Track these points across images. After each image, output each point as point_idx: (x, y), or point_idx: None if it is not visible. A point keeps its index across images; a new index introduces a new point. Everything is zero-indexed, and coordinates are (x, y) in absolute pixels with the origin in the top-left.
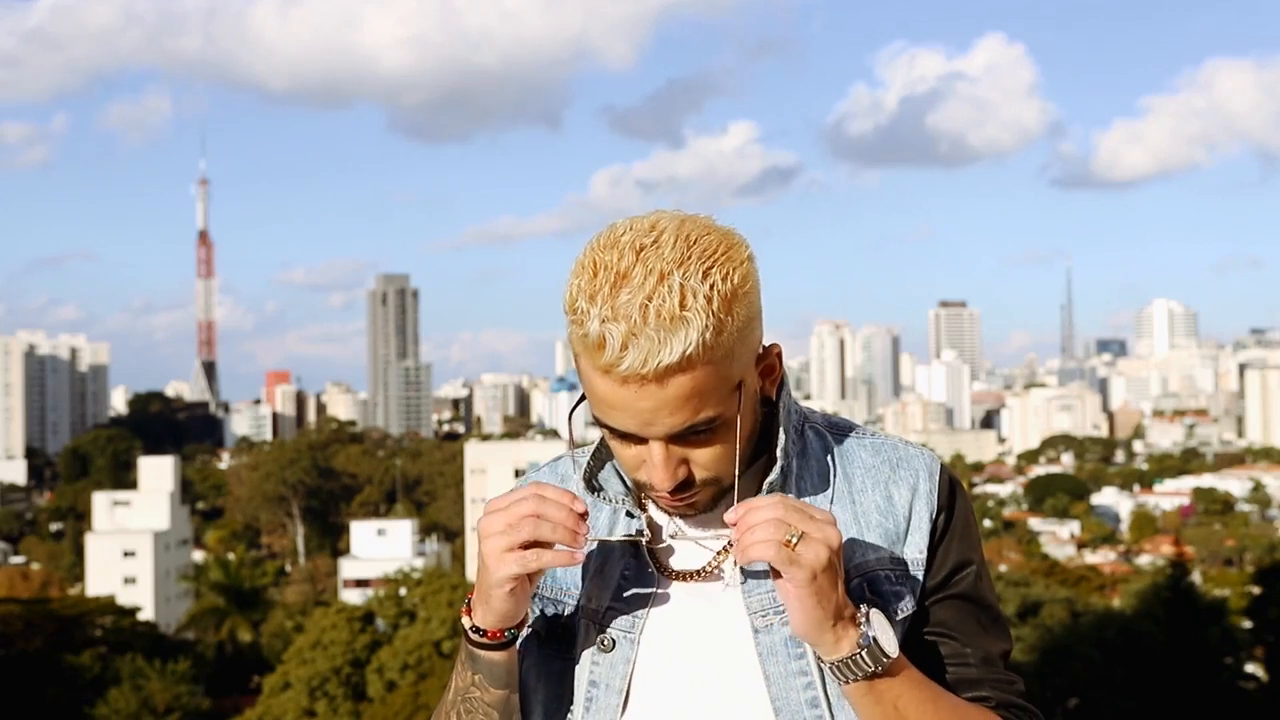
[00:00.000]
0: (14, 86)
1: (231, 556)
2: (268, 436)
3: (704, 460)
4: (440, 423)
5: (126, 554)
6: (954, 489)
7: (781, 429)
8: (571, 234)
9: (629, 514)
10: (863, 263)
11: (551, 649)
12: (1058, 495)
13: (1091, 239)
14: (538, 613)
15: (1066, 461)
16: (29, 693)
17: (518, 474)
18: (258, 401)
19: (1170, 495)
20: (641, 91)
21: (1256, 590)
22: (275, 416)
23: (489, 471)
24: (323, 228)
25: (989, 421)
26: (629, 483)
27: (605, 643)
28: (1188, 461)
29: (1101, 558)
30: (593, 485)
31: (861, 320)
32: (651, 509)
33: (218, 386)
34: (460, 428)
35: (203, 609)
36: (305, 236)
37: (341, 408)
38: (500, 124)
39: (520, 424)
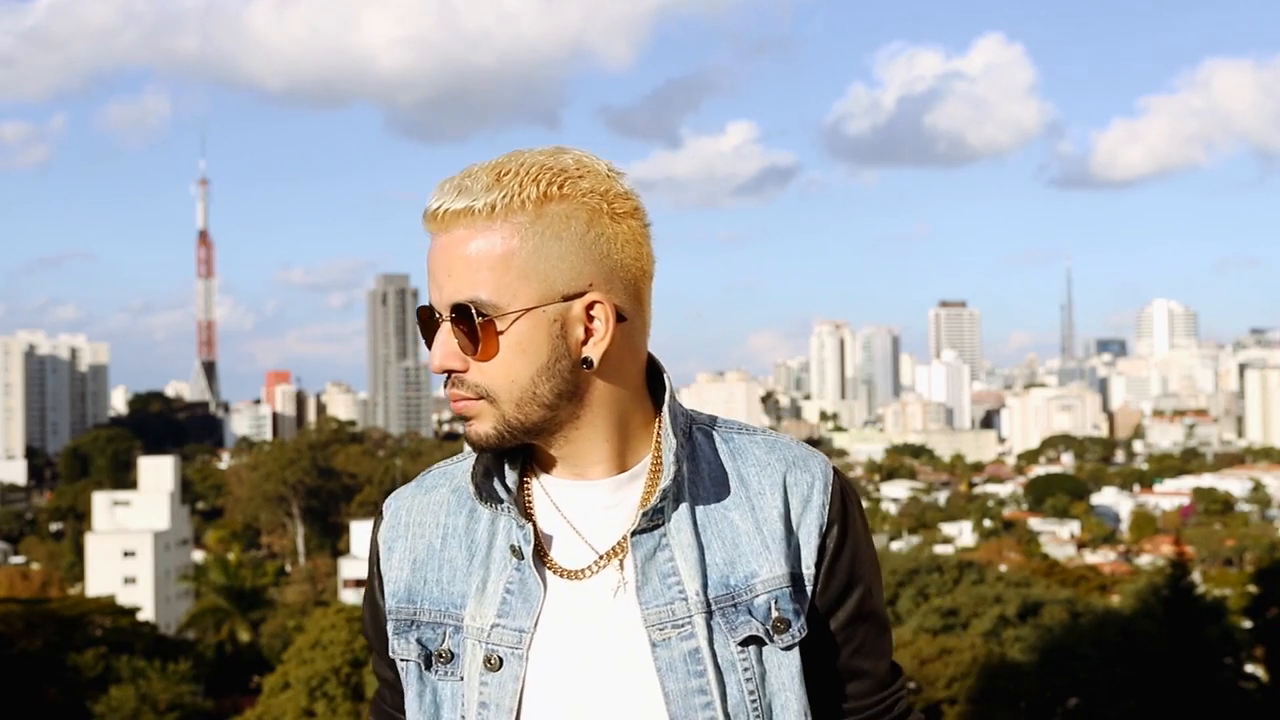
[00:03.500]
0: (12, 86)
1: (231, 556)
2: (268, 436)
3: (481, 366)
4: (440, 422)
5: (126, 554)
6: (846, 500)
7: (668, 430)
8: None
9: (516, 522)
10: (862, 263)
11: (440, 673)
12: (1058, 495)
13: (1090, 239)
14: (413, 642)
15: (1066, 461)
16: (29, 692)
17: None
18: (258, 401)
19: (1170, 495)
20: (640, 91)
21: (1256, 590)
22: (275, 416)
23: None
24: (322, 228)
25: (989, 421)
26: (513, 485)
27: (492, 661)
28: (1188, 461)
29: (1101, 558)
30: (481, 491)
31: (861, 320)
32: (540, 511)
33: (218, 386)
34: (460, 428)
35: (203, 609)
36: (305, 236)
37: (341, 408)
38: (498, 124)
39: None
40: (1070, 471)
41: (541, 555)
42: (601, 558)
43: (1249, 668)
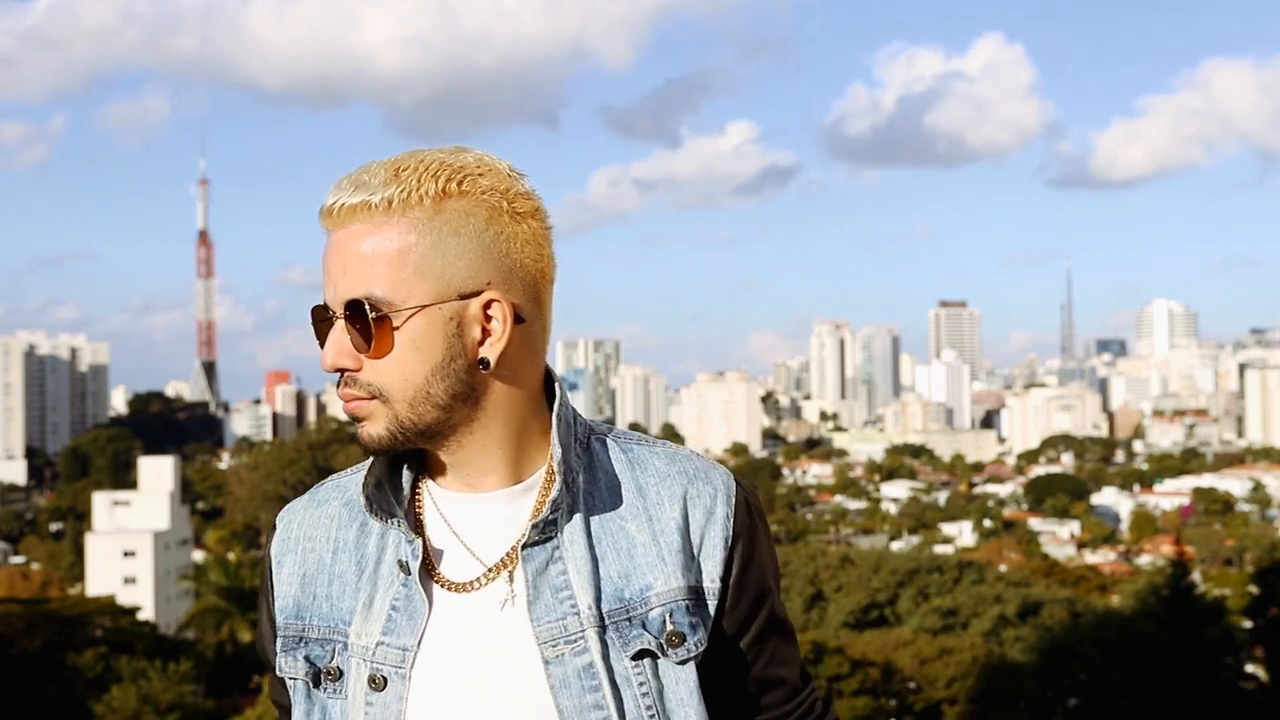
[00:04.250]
0: (12, 86)
1: (232, 556)
2: (268, 436)
3: (374, 365)
4: None
5: (126, 554)
6: (751, 513)
7: (555, 439)
8: (570, 234)
9: (405, 537)
10: (862, 263)
11: (329, 691)
12: (1058, 495)
13: (1090, 239)
14: (301, 659)
15: (1066, 461)
16: (29, 692)
17: None
18: (258, 401)
19: (1170, 495)
20: (639, 91)
21: (1256, 590)
22: (275, 416)
23: None
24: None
25: (989, 421)
26: (404, 498)
27: (377, 681)
28: (1188, 461)
29: (1101, 558)
30: (372, 504)
31: (861, 320)
32: (431, 525)
33: (218, 386)
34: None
35: (203, 609)
36: (305, 236)
37: (341, 408)
38: (498, 124)
39: None
40: (1070, 472)
41: (429, 570)
42: (490, 570)
43: (1249, 668)
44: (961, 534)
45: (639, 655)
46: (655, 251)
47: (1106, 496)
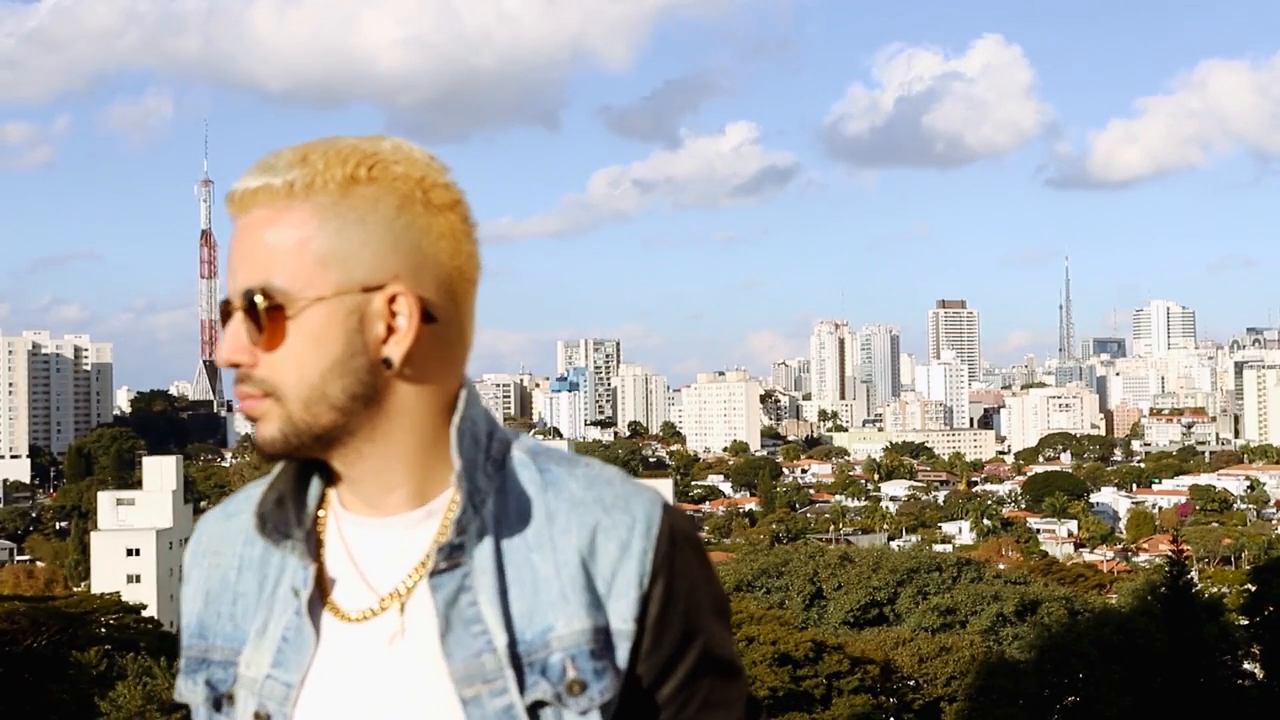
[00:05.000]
0: (16, 88)
1: None
2: None
3: (270, 361)
4: None
5: (130, 552)
6: (674, 544)
7: (456, 453)
8: (570, 234)
9: (302, 561)
10: (862, 263)
11: (231, 717)
12: (1056, 494)
13: (1088, 239)
14: (201, 683)
15: (1065, 461)
16: (34, 689)
17: None
18: None
19: (1168, 494)
20: (639, 92)
21: (1253, 588)
22: None
23: None
24: None
25: (988, 421)
26: (304, 518)
27: (260, 716)
28: (1185, 460)
29: (1099, 556)
30: (266, 523)
31: (861, 320)
32: (330, 548)
33: (221, 386)
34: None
35: None
36: None
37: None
38: (498, 124)
39: (522, 423)
40: (1068, 471)
41: (323, 598)
42: (384, 600)
43: (1246, 666)
44: (960, 533)
45: (534, 706)
46: (655, 251)
47: (1104, 495)
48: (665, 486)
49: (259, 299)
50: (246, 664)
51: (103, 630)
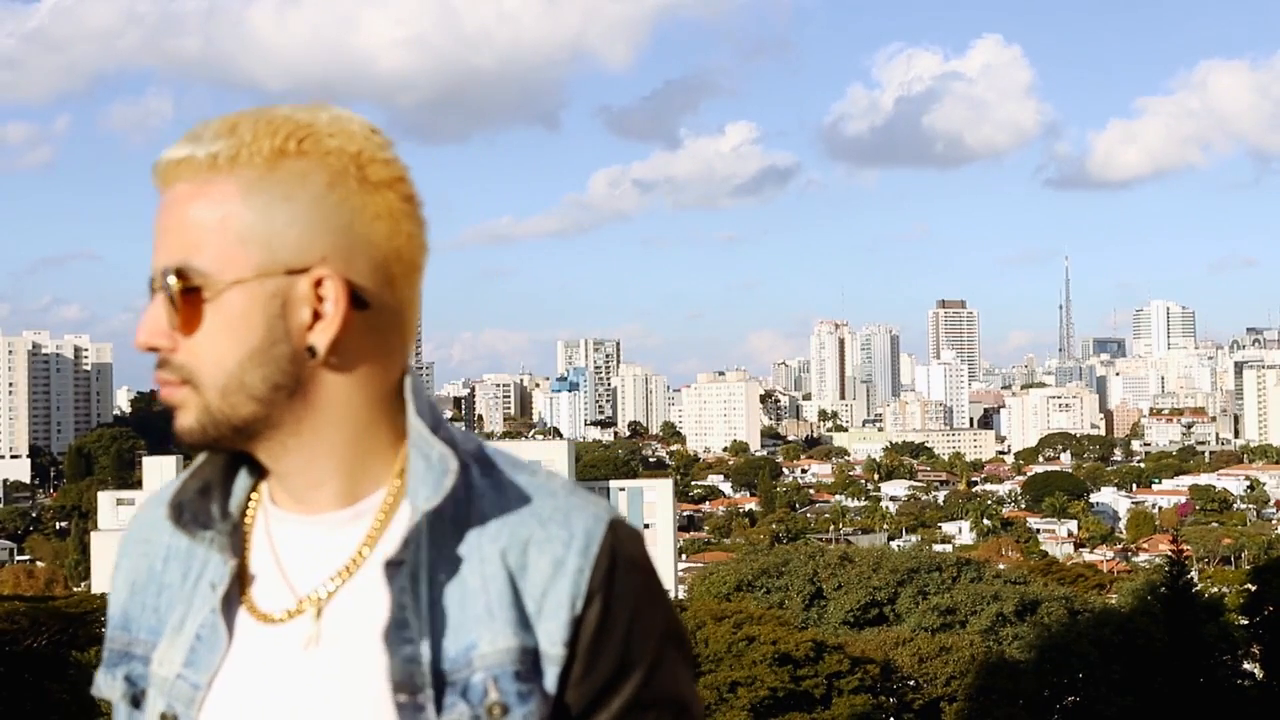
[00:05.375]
0: (16, 88)
1: None
2: None
3: (189, 344)
4: None
5: None
6: (615, 565)
7: (410, 446)
8: (570, 234)
9: (222, 555)
10: (862, 263)
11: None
12: (1056, 494)
13: (1088, 239)
14: (120, 678)
15: (1065, 461)
16: (34, 689)
17: None
18: None
19: (1168, 494)
20: (639, 92)
21: (1253, 588)
22: None
23: None
24: None
25: (988, 421)
26: (229, 510)
27: (167, 717)
28: (1185, 460)
29: (1099, 556)
30: (183, 512)
31: (861, 320)
32: (255, 543)
33: None
34: (462, 426)
35: None
36: None
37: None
38: (498, 124)
39: (522, 423)
40: (1068, 470)
41: (243, 596)
42: (302, 602)
43: (1246, 666)
44: (960, 532)
45: None
46: (655, 251)
47: (1104, 495)
48: (665, 486)
49: (172, 280)
50: (159, 661)
51: (103, 630)
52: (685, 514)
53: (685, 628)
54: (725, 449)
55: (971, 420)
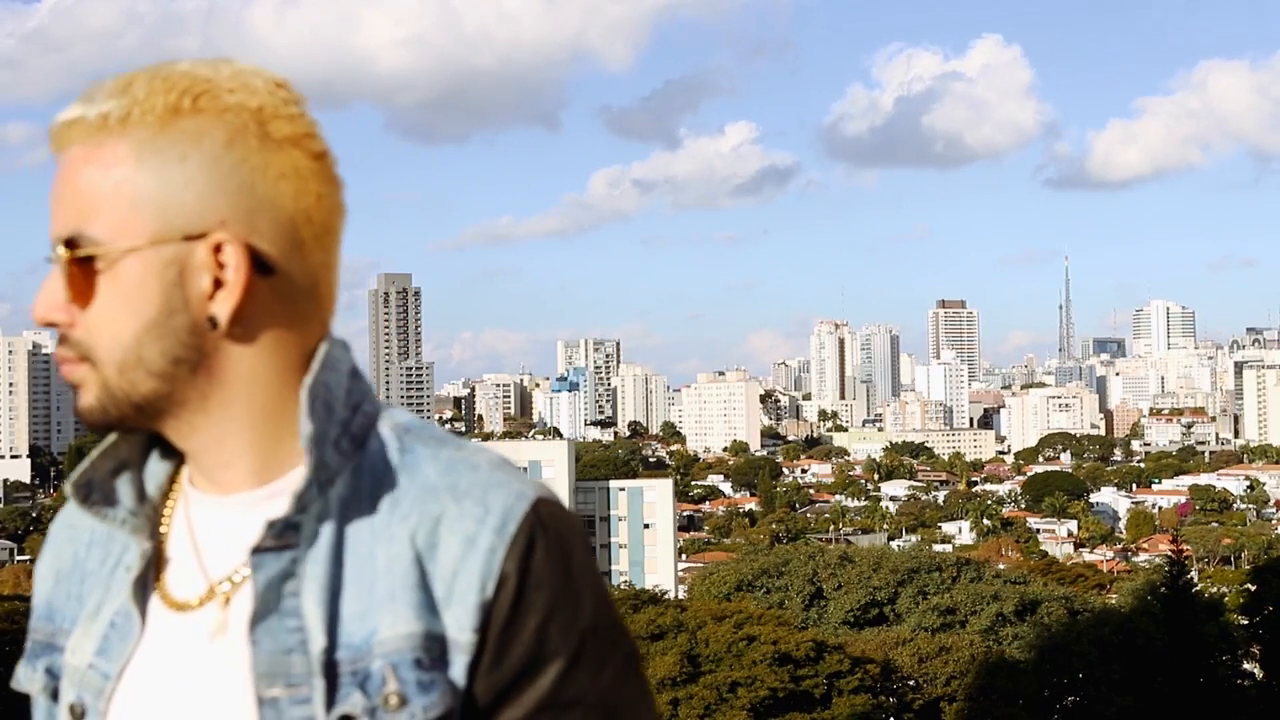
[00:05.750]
0: (16, 88)
1: None
2: None
3: (86, 318)
4: (442, 421)
5: None
6: (534, 546)
7: (305, 416)
8: (570, 234)
9: (135, 539)
10: (862, 263)
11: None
12: (1056, 494)
13: (1088, 239)
14: (40, 671)
15: (1065, 461)
16: None
17: None
18: None
19: (1168, 494)
20: (639, 92)
21: (1253, 588)
22: None
23: None
24: None
25: (987, 421)
26: (160, 488)
27: (75, 711)
28: (1185, 460)
29: (1099, 556)
30: (90, 491)
31: (861, 320)
32: (175, 528)
33: None
34: (462, 426)
35: None
36: None
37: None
38: (498, 124)
39: (522, 423)
40: (1068, 470)
41: (158, 580)
42: (212, 588)
43: (1246, 666)
44: (960, 532)
45: None
46: (655, 251)
47: (1104, 495)
48: (665, 486)
49: (61, 250)
50: (72, 650)
51: None
52: (685, 514)
53: (622, 624)
54: (725, 449)
55: (971, 420)
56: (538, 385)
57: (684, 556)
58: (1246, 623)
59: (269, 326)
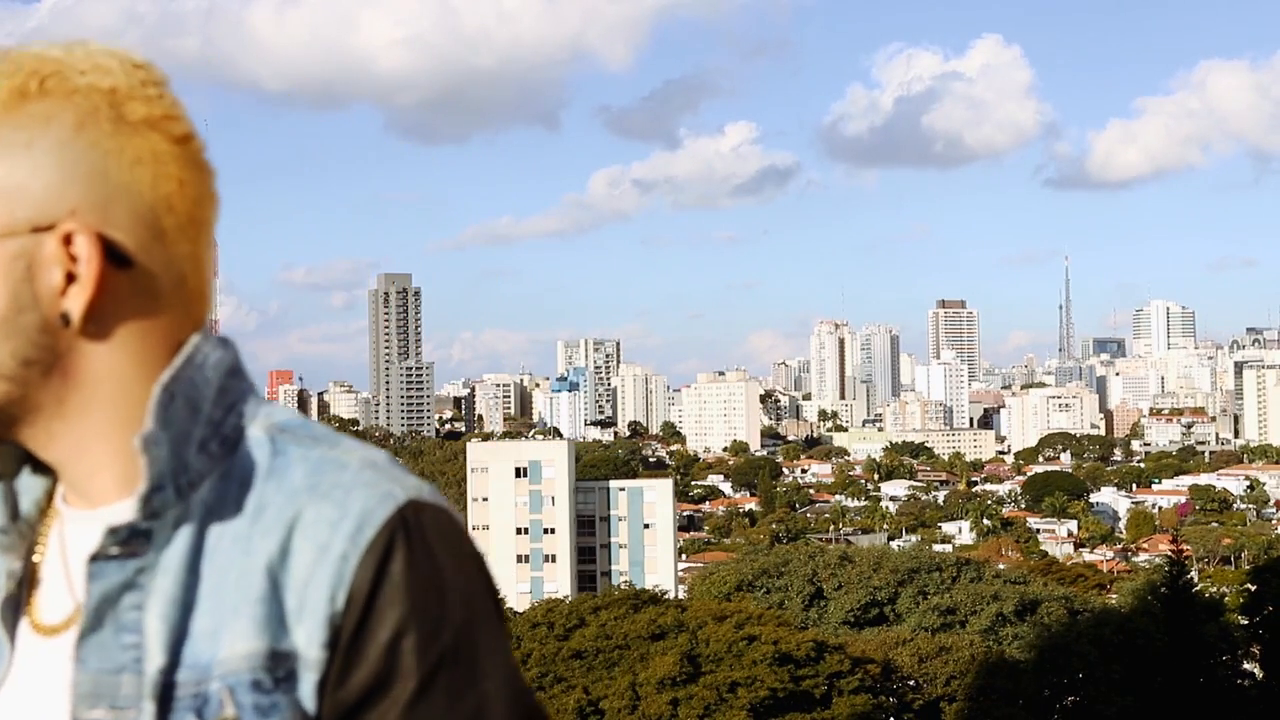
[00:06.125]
0: None
1: None
2: None
3: None
4: (442, 422)
5: None
6: (393, 553)
7: (151, 413)
8: (570, 234)
9: (4, 558)
10: (862, 263)
11: None
12: (1056, 494)
13: (1088, 239)
14: None
15: (1065, 461)
16: None
17: (519, 473)
18: None
19: (1168, 494)
20: (639, 92)
21: (1253, 588)
22: None
23: (490, 470)
24: (324, 228)
25: (987, 421)
26: (36, 504)
27: None
28: (1185, 460)
29: (1099, 556)
30: None
31: (861, 320)
32: (51, 547)
33: None
34: (461, 426)
35: None
36: (306, 236)
37: (344, 407)
38: (498, 124)
39: (522, 423)
40: (1068, 470)
41: (29, 602)
42: (77, 610)
43: (1246, 666)
44: (960, 532)
45: None
46: (655, 251)
47: (1104, 495)
48: (665, 487)
49: None
50: None
51: None
52: (685, 514)
53: (500, 646)
54: (725, 449)
55: (971, 420)
56: (538, 385)
57: (684, 556)
58: (1246, 623)
59: (129, 323)
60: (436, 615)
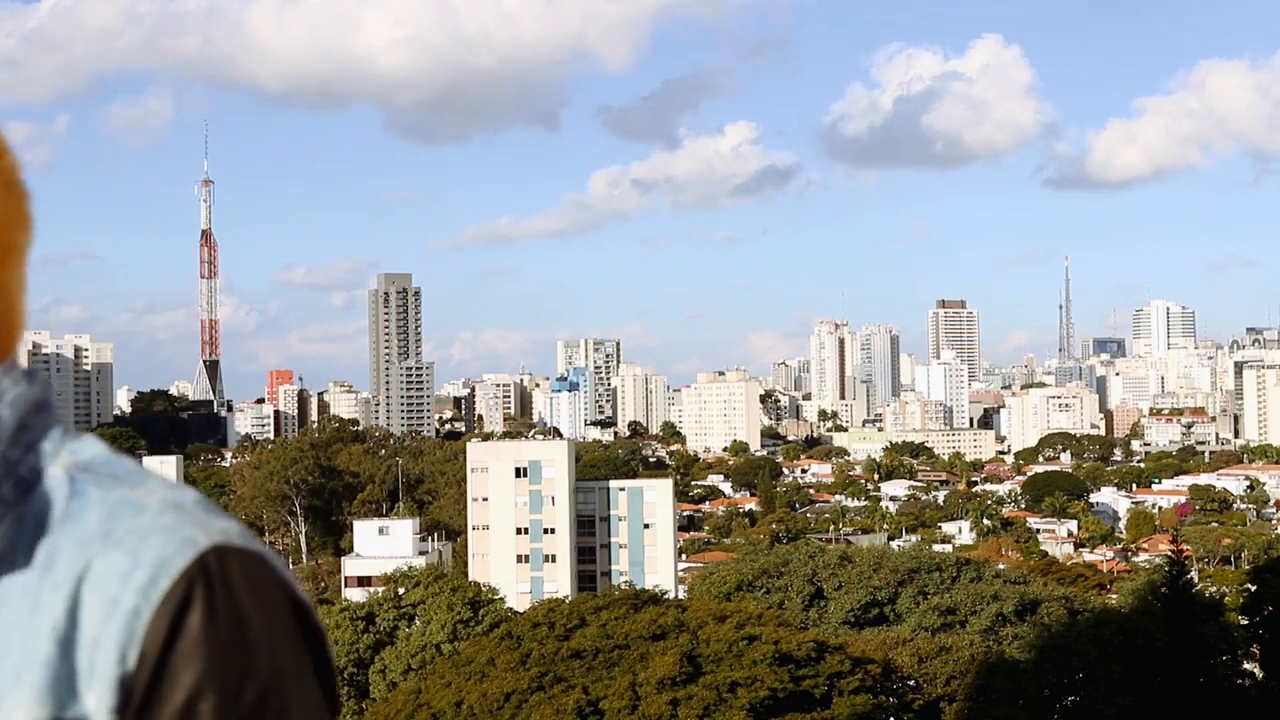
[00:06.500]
0: (16, 88)
1: None
2: (270, 435)
3: None
4: (442, 421)
5: None
6: (190, 607)
7: None
8: (570, 234)
9: None
10: (862, 263)
11: None
12: (1056, 494)
13: (1088, 239)
14: None
15: (1065, 461)
16: None
17: (519, 473)
18: (260, 401)
19: (1168, 494)
20: (638, 92)
21: (1253, 588)
22: (278, 415)
23: (490, 470)
24: (324, 228)
25: (987, 421)
26: None
27: None
28: (1185, 460)
29: (1099, 556)
30: None
31: (861, 320)
32: None
33: (221, 386)
34: (461, 426)
35: None
36: (306, 236)
37: (344, 407)
38: (497, 124)
39: (522, 423)
40: (1068, 470)
41: None
42: None
43: (1246, 665)
44: (960, 532)
45: None
46: (655, 251)
47: (1104, 495)
48: (665, 486)
49: None
50: None
51: None
52: (685, 514)
53: (314, 701)
54: (725, 449)
55: (971, 420)
56: (538, 385)
57: (684, 556)
58: (1246, 623)
59: None
60: (239, 672)
